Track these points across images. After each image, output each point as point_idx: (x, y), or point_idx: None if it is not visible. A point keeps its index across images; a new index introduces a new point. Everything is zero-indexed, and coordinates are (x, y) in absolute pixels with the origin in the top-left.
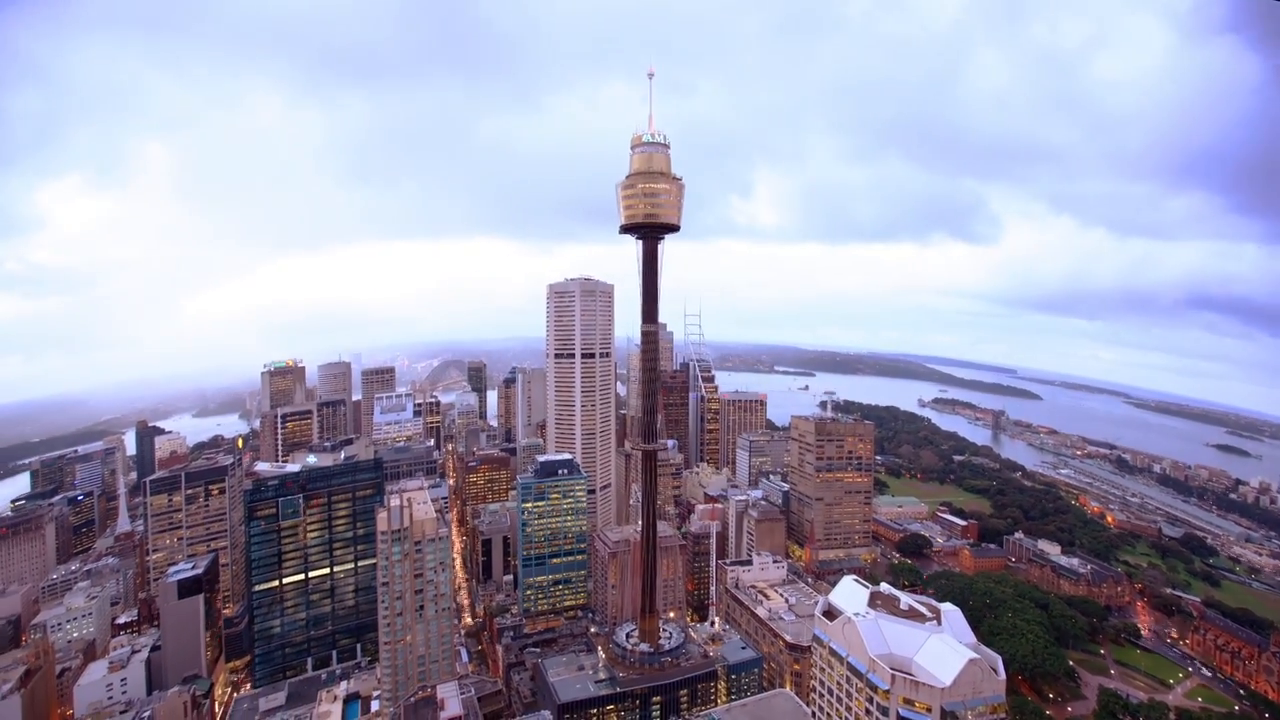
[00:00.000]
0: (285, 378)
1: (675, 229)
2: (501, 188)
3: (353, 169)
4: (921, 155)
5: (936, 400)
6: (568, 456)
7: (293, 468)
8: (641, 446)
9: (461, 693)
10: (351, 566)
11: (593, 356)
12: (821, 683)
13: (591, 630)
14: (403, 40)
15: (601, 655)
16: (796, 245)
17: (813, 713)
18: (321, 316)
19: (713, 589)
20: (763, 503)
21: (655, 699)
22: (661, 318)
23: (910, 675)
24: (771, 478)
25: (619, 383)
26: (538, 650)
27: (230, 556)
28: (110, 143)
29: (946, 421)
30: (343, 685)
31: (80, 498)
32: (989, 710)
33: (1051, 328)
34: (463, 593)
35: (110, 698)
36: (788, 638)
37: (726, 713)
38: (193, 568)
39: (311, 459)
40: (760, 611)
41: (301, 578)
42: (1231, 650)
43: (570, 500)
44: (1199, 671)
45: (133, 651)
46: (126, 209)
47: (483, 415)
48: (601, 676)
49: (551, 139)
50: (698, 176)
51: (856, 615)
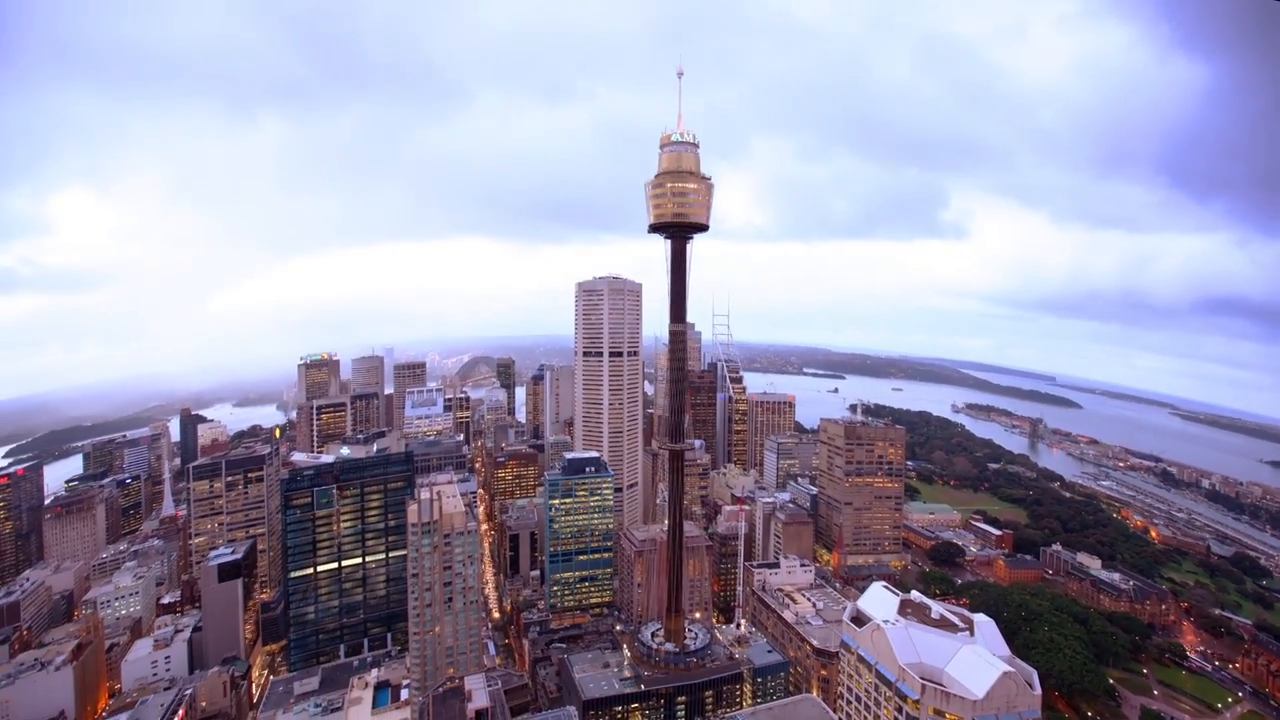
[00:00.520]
0: (320, 370)
1: (704, 228)
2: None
3: (356, 176)
4: (871, 152)
5: (971, 406)
6: (595, 454)
7: (327, 459)
8: (669, 446)
9: (488, 685)
10: (383, 557)
11: (620, 355)
12: (849, 689)
13: (617, 628)
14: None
15: (627, 653)
16: (775, 244)
17: None
18: (346, 312)
19: (739, 590)
20: (790, 505)
21: (680, 699)
22: (689, 317)
23: (941, 686)
24: (799, 480)
25: (647, 382)
26: (563, 646)
27: (267, 543)
28: (111, 158)
29: (981, 428)
30: (373, 673)
31: (128, 481)
32: None
33: (1064, 331)
34: (490, 586)
35: (155, 674)
36: (815, 643)
37: (752, 716)
38: (232, 553)
39: (345, 451)
40: (787, 615)
41: (335, 566)
42: None
43: (597, 498)
44: (1249, 696)
45: (176, 631)
46: (131, 215)
47: (511, 411)
48: (626, 675)
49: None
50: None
51: (886, 622)
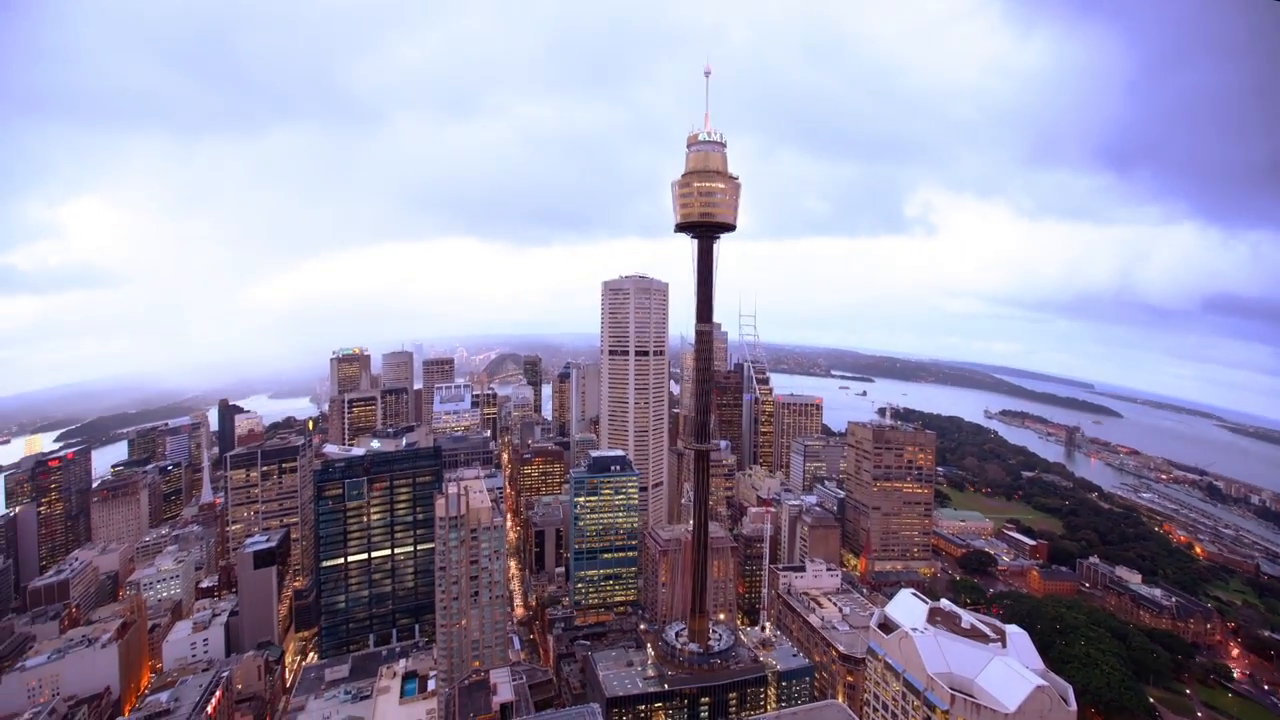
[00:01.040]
0: (352, 364)
1: (731, 228)
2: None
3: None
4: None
5: (1004, 412)
6: (620, 453)
7: (358, 451)
8: (694, 446)
9: (513, 679)
10: (411, 549)
11: (646, 354)
12: (876, 696)
13: (641, 627)
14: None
15: (650, 652)
16: (752, 243)
17: None
18: (366, 309)
19: (764, 593)
20: (817, 509)
21: (704, 700)
22: (715, 317)
23: (971, 697)
24: (826, 484)
25: (672, 381)
26: (587, 643)
27: (300, 532)
28: (105, 174)
29: (1015, 435)
30: (401, 663)
31: (170, 467)
32: None
33: (1102, 336)
34: (515, 582)
35: (194, 655)
36: (840, 648)
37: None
38: (267, 540)
39: (375, 444)
40: (813, 619)
41: (365, 557)
42: None
43: (622, 496)
44: None
45: (214, 615)
46: (133, 223)
47: (537, 408)
48: (650, 674)
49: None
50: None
51: (914, 630)
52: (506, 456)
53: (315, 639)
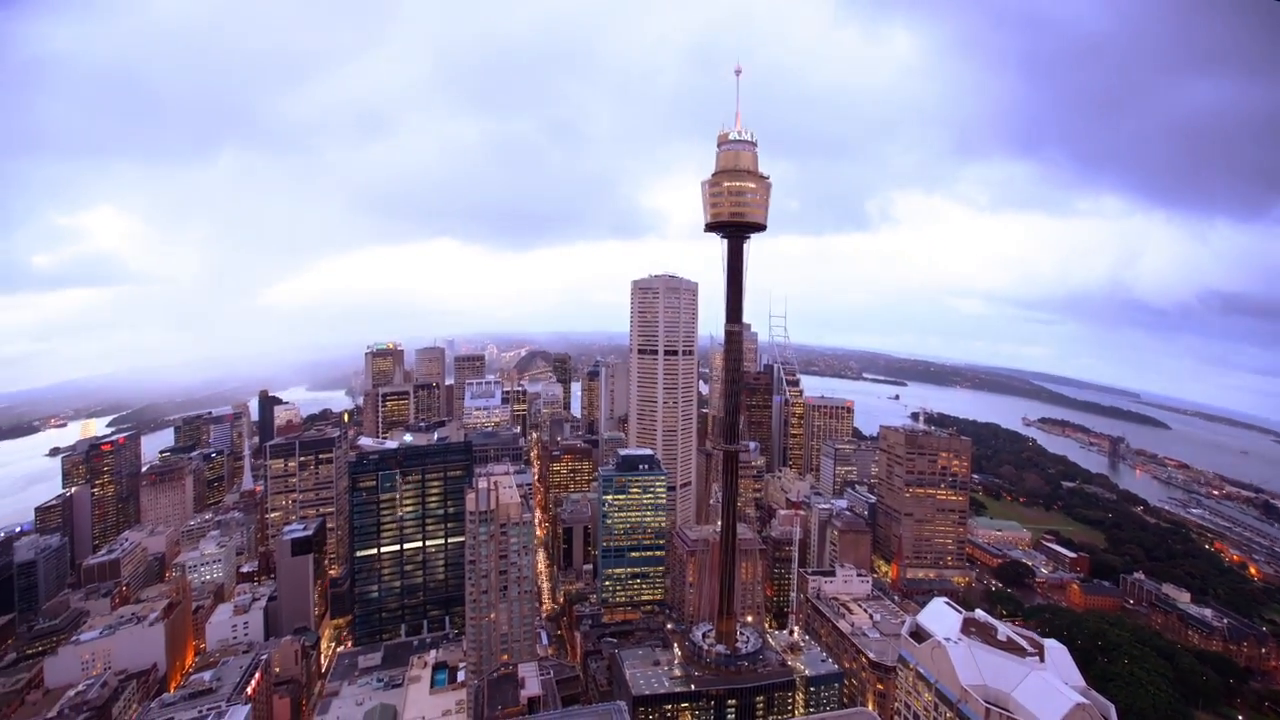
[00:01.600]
0: (386, 359)
1: (762, 228)
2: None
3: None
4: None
5: (1044, 420)
6: (649, 452)
7: (391, 444)
8: (723, 446)
9: (541, 674)
10: (442, 542)
11: (675, 354)
12: (906, 706)
13: (668, 626)
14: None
15: (677, 652)
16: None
17: None
18: (357, 308)
19: (793, 596)
20: (847, 513)
21: (730, 702)
22: (746, 317)
23: (1007, 711)
24: (857, 488)
25: (701, 381)
26: (614, 641)
27: (336, 522)
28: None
29: (1054, 444)
30: (432, 653)
31: (213, 455)
32: None
33: (1148, 344)
34: (544, 578)
35: (235, 638)
36: (871, 655)
37: None
38: (304, 529)
39: (408, 438)
40: (842, 625)
41: (397, 549)
42: None
43: (650, 495)
44: None
45: (254, 599)
46: (152, 226)
47: (567, 406)
48: (677, 674)
49: None
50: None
51: (948, 640)
52: (536, 453)
53: (349, 627)
